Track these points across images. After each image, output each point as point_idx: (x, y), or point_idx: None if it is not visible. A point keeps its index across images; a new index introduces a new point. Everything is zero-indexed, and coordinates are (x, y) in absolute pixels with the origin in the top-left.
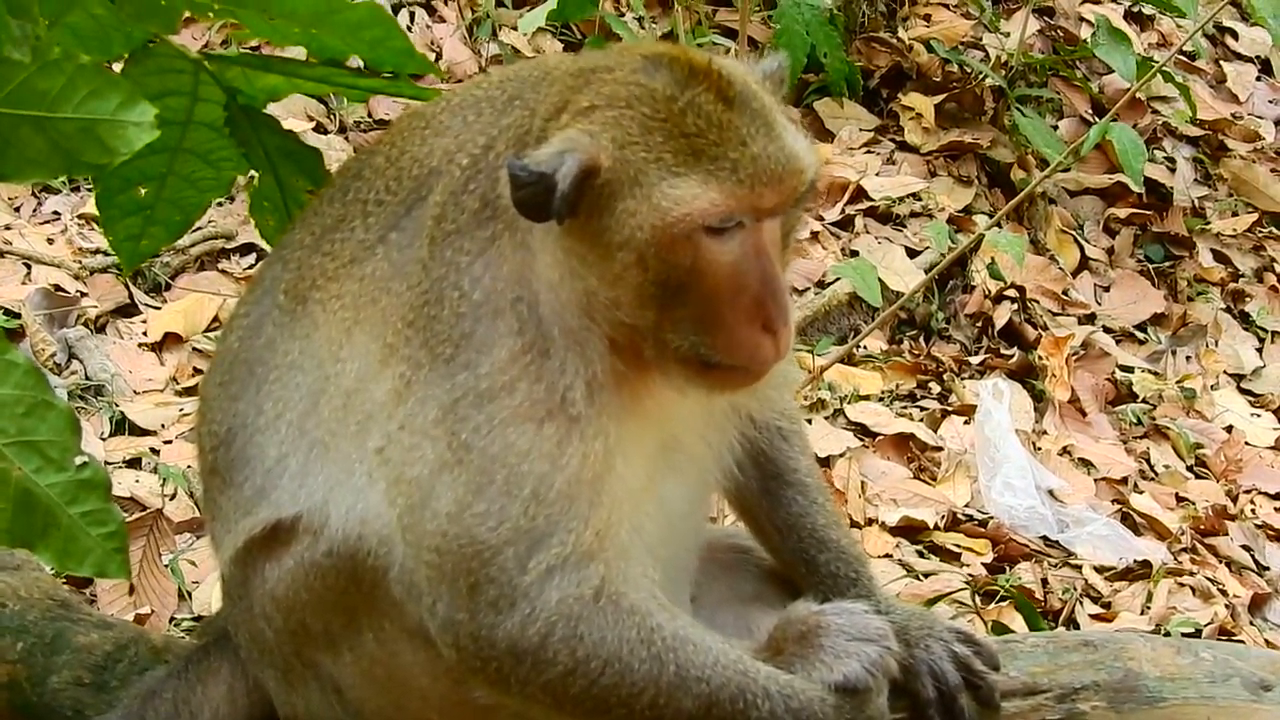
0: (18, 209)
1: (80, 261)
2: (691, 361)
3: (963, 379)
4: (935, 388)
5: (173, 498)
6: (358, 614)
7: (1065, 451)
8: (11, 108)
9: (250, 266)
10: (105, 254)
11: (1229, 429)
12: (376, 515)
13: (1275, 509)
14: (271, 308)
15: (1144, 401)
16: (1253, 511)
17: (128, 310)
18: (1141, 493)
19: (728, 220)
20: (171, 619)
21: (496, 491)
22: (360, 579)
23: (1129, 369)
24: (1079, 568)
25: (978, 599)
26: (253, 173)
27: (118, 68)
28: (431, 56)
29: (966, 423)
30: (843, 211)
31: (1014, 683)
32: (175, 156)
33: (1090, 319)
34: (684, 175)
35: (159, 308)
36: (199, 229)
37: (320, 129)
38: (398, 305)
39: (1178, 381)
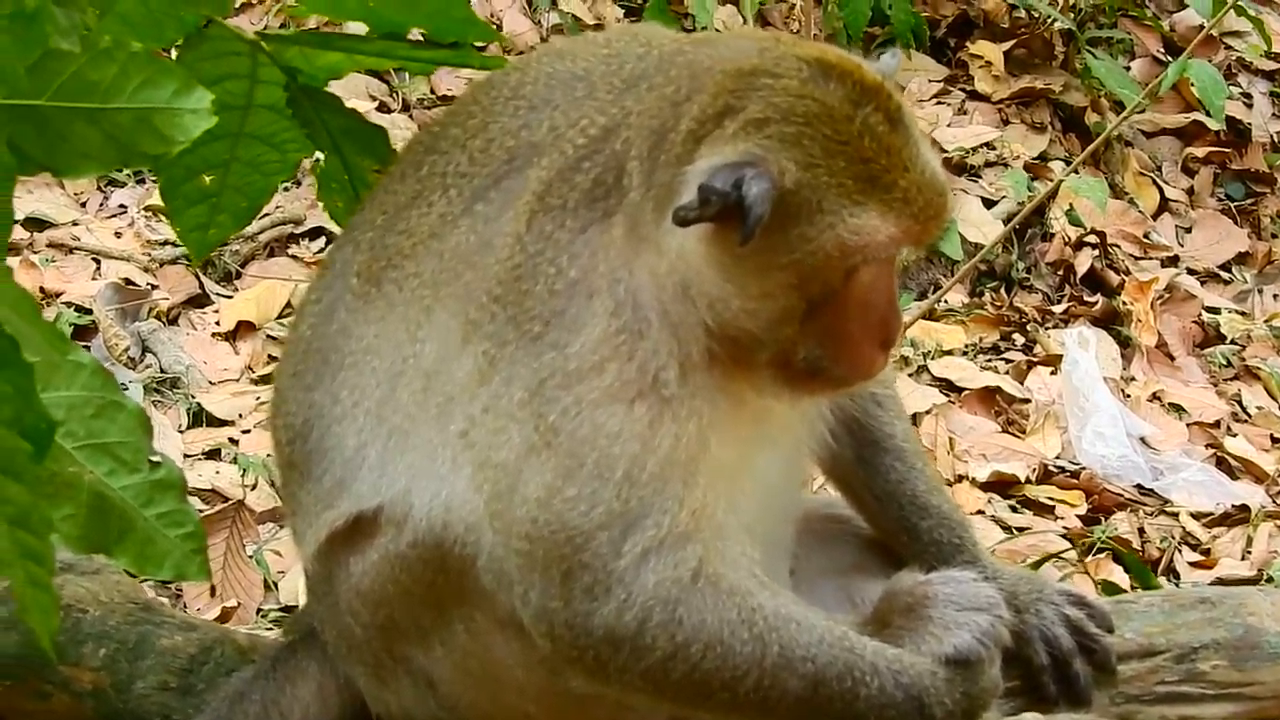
0: (84, 204)
1: (149, 254)
2: (803, 372)
3: (1047, 329)
4: (1019, 339)
5: (253, 488)
6: (447, 606)
7: (1155, 397)
8: (63, 101)
9: (320, 251)
10: (174, 245)
11: None
12: (462, 502)
13: None
14: (343, 292)
15: (1232, 342)
16: None
17: (199, 301)
18: (1235, 435)
19: (897, 251)
20: (258, 610)
21: (587, 475)
22: (447, 569)
23: (1215, 310)
24: (1175, 515)
25: (1079, 554)
26: (318, 154)
27: (173, 55)
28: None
29: (1053, 373)
30: None
31: (1130, 644)
32: (238, 142)
33: (1173, 261)
34: (864, 205)
35: (230, 296)
36: (267, 215)
37: (384, 108)
38: (483, 279)
39: (1266, 320)
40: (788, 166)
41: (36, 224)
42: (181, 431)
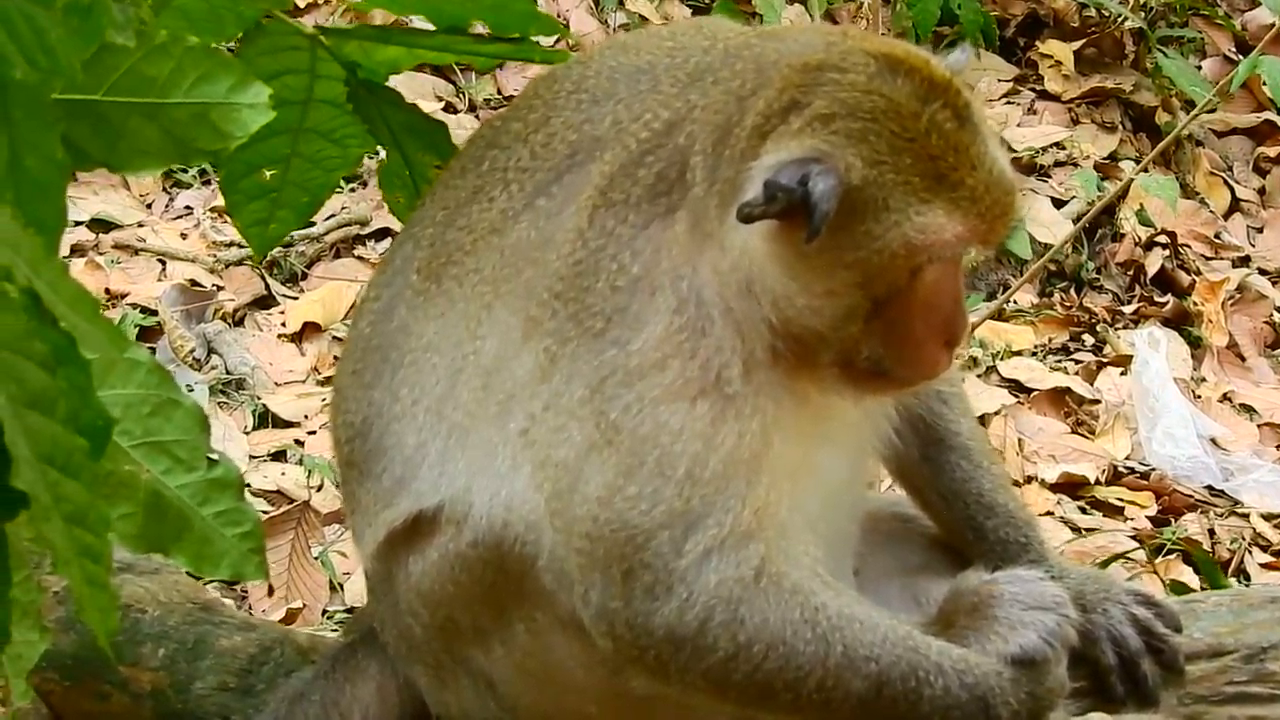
0: (149, 206)
1: (215, 255)
2: (866, 371)
3: (1117, 329)
4: (1089, 339)
5: (319, 489)
6: (507, 606)
7: (1225, 398)
8: (119, 96)
9: (385, 252)
10: (240, 246)
11: None
12: (523, 501)
13: None
14: (404, 289)
15: None
16: None
17: (265, 302)
18: None
19: (964, 251)
20: (324, 612)
21: (649, 473)
22: (508, 569)
23: None
24: (1246, 516)
25: (1148, 555)
26: (380, 151)
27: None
28: None
29: (1123, 374)
30: None
31: (1198, 644)
32: (298, 137)
33: (1244, 261)
34: (930, 203)
35: (296, 298)
36: (333, 216)
37: (449, 108)
38: (544, 276)
39: None
40: (854, 163)
41: (102, 225)
42: (247, 433)
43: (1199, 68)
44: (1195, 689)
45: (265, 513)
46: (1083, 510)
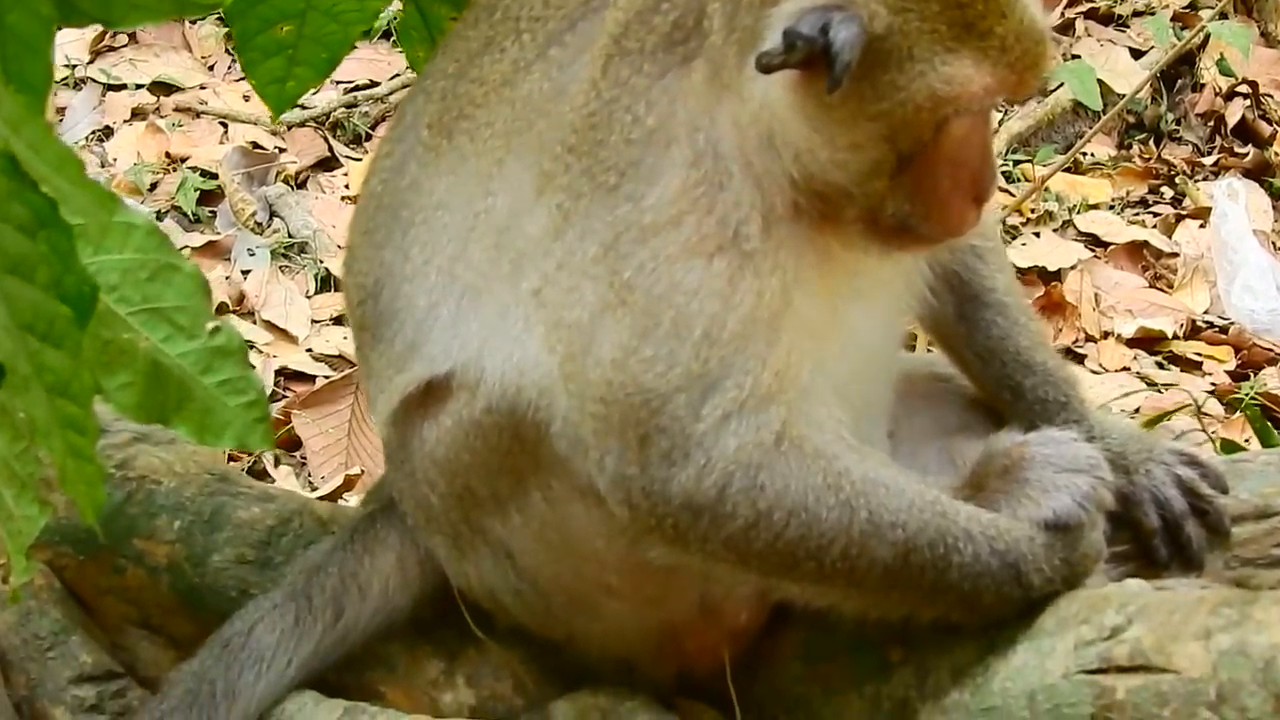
0: (211, 68)
1: None
2: (893, 228)
3: (1196, 181)
4: (1168, 192)
5: None
6: (524, 474)
7: None
8: None
9: None
10: (303, 108)
11: None
12: (535, 364)
13: None
14: (415, 145)
15: None
16: None
17: (328, 164)
18: None
19: (992, 103)
20: None
21: (664, 334)
22: (523, 435)
23: None
24: None
25: (1221, 409)
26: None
27: None
28: None
29: (1202, 226)
30: (1062, 15)
31: (1245, 506)
32: None
33: None
34: (957, 52)
35: (360, 159)
36: (397, 75)
37: None
38: (557, 128)
39: None
40: (878, 10)
41: (163, 88)
42: (309, 297)
43: None
44: (1242, 552)
45: (326, 377)
46: (1160, 366)
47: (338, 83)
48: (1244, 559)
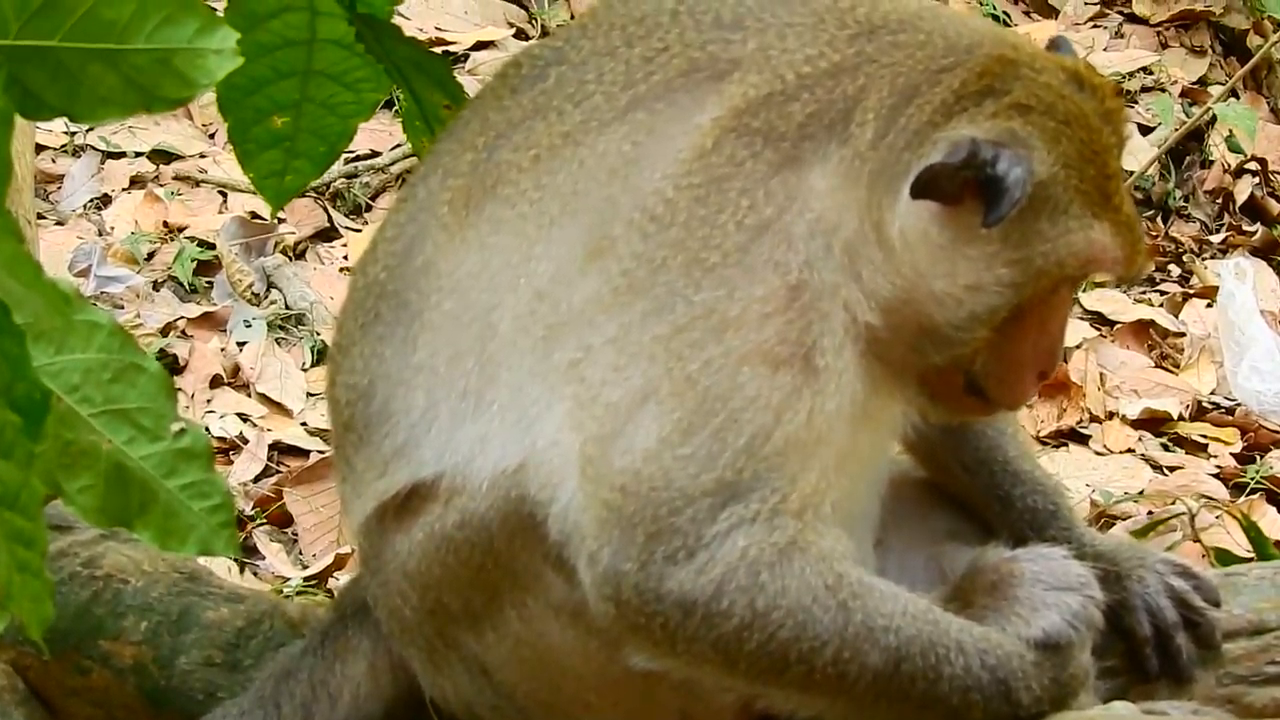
0: (212, 135)
1: None
2: (961, 386)
3: (1204, 259)
4: (1175, 270)
5: None
6: (498, 590)
7: None
8: (78, 41)
9: None
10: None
11: None
12: (549, 443)
13: None
14: (429, 226)
15: None
16: None
17: (327, 235)
18: None
19: (1108, 274)
20: None
21: (708, 435)
22: (495, 549)
23: None
24: None
25: (1225, 493)
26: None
27: None
28: None
29: (1209, 305)
30: None
31: (1238, 620)
32: (307, 80)
33: None
34: (1100, 219)
35: (360, 230)
36: (398, 146)
37: (521, 34)
38: (635, 193)
39: None
40: (1044, 158)
41: (163, 156)
42: (305, 369)
43: None
44: (1234, 668)
45: (320, 451)
46: (1165, 448)
47: None
48: (1236, 676)
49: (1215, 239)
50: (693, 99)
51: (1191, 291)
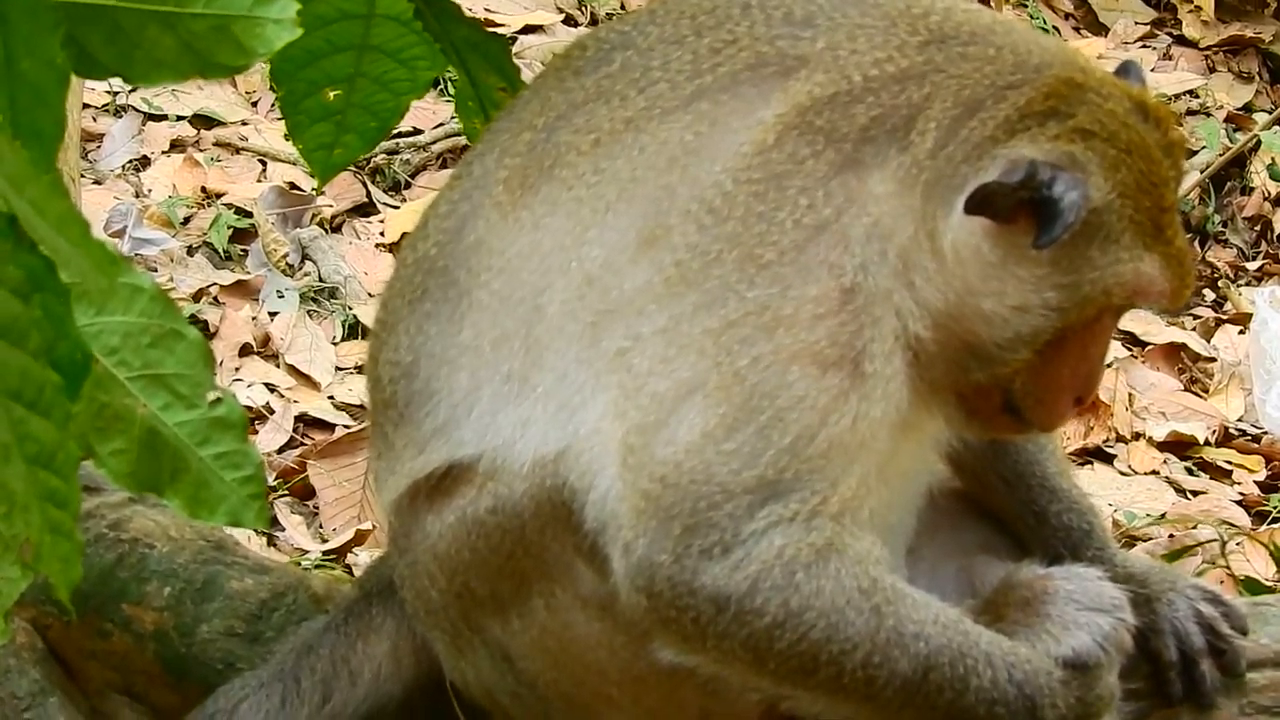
0: (255, 104)
1: None
2: (998, 405)
3: (1239, 285)
4: (1210, 295)
5: None
6: (527, 578)
7: None
8: (136, 3)
9: None
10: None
11: None
12: (591, 430)
13: None
14: (482, 203)
15: None
16: None
17: (365, 210)
18: None
19: (1152, 306)
20: None
21: (753, 432)
22: (527, 541)
23: None
24: None
25: (1248, 520)
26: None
27: None
28: None
29: (1241, 332)
30: None
31: (1265, 651)
32: (362, 55)
33: None
34: (1151, 250)
35: (398, 207)
36: (440, 125)
37: (570, 21)
38: (694, 184)
39: None
40: (1100, 184)
41: (204, 121)
42: (335, 344)
43: None
44: (1258, 698)
45: (346, 426)
46: (1190, 471)
47: None
48: (1259, 706)
49: (1251, 266)
50: (758, 93)
51: (1225, 317)
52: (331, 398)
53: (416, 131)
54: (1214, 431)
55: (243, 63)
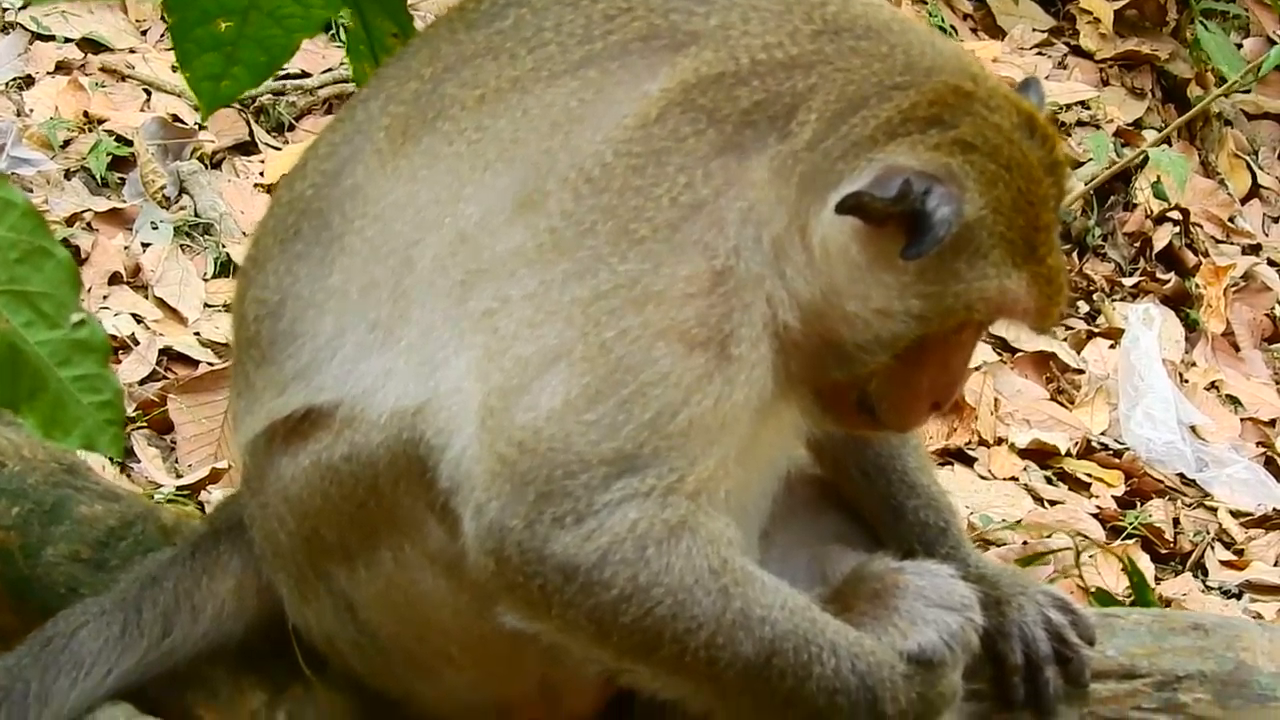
0: (144, 32)
1: None
2: (854, 404)
3: (1113, 300)
4: (1084, 307)
5: None
6: (376, 530)
7: (1213, 386)
8: None
9: None
10: None
11: None
12: (451, 388)
13: None
14: (362, 150)
15: None
16: None
17: (247, 148)
18: None
19: (1016, 323)
20: None
21: (615, 404)
22: (380, 492)
23: None
24: (1214, 510)
25: (1102, 533)
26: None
27: None
28: None
29: (1112, 347)
30: None
31: (1110, 662)
32: None
33: (1255, 250)
34: (1020, 269)
35: (279, 149)
36: (330, 70)
37: None
38: (574, 153)
39: None
40: (977, 201)
41: (92, 45)
42: (206, 280)
43: (1239, 45)
44: (1100, 709)
45: (210, 364)
46: (1049, 481)
47: None
48: (1101, 716)
49: (1128, 282)
50: (646, 65)
51: (1097, 330)
52: (198, 334)
53: (305, 75)
54: (1076, 443)
55: None
